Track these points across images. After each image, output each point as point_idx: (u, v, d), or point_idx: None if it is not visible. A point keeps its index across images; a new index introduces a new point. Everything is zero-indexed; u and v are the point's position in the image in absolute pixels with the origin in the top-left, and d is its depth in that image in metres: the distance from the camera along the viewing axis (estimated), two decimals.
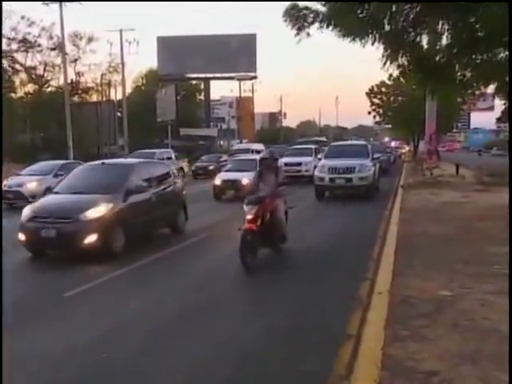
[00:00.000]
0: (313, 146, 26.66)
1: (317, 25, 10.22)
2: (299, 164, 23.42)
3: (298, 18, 10.36)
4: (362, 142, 21.41)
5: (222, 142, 59.47)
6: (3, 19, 29.13)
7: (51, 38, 41.62)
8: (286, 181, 9.21)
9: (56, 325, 5.77)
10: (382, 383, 3.79)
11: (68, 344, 5.11)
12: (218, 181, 18.73)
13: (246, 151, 32.08)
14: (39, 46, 42.00)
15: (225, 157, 31.78)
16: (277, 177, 8.63)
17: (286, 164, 23.24)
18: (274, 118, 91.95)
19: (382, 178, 20.21)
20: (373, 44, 10.15)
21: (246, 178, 17.00)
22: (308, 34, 10.51)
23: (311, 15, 10.34)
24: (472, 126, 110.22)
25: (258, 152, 30.80)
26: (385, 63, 10.51)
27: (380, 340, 4.60)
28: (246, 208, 7.96)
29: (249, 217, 7.83)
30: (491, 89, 12.88)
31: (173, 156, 27.40)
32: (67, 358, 4.81)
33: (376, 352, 4.35)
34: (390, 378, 3.85)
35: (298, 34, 10.51)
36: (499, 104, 44.92)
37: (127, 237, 9.17)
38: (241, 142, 53.13)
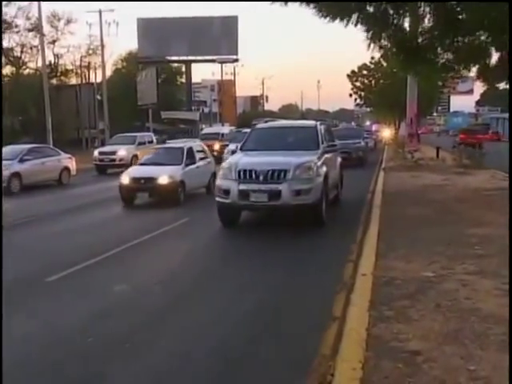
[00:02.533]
0: None
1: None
2: None
3: None
4: (310, 123, 12.74)
5: (203, 126, 59.07)
6: None
7: (28, 18, 40.58)
8: None
9: None
10: (367, 363, 3.84)
11: None
12: (125, 179, 13.05)
13: (215, 136, 27.55)
14: (16, 26, 40.94)
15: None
16: None
17: (234, 152, 16.16)
18: (256, 101, 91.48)
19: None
20: (355, 25, 10.08)
21: (165, 176, 12.82)
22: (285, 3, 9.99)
23: None
24: (452, 110, 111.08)
25: None
26: (369, 45, 10.47)
27: (364, 321, 4.66)
28: None
29: None
30: (472, 72, 12.95)
31: (154, 140, 27.11)
32: None
33: (361, 333, 4.40)
34: (374, 358, 3.90)
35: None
36: (478, 87, 45.40)
37: None
38: (223, 126, 52.85)
